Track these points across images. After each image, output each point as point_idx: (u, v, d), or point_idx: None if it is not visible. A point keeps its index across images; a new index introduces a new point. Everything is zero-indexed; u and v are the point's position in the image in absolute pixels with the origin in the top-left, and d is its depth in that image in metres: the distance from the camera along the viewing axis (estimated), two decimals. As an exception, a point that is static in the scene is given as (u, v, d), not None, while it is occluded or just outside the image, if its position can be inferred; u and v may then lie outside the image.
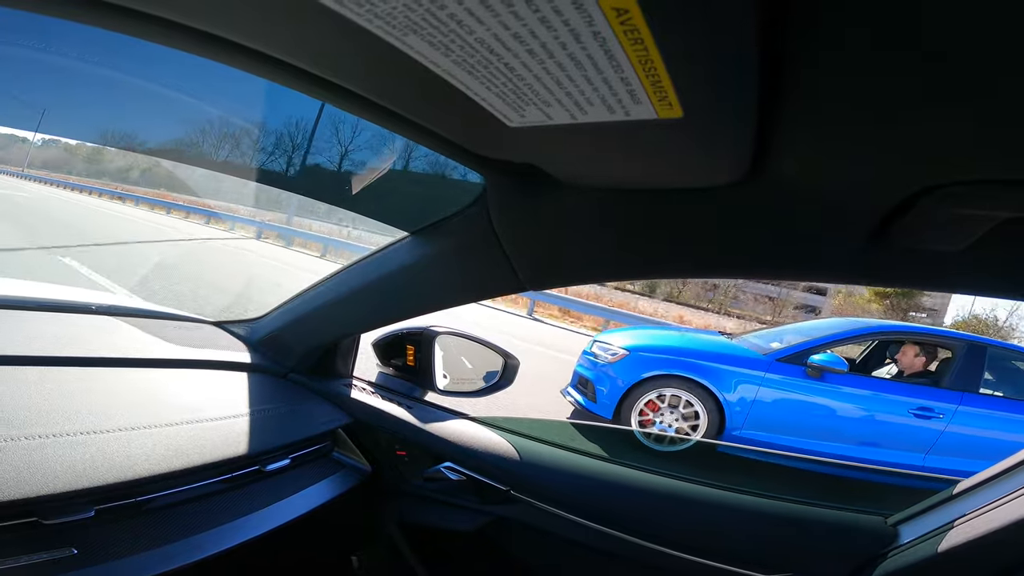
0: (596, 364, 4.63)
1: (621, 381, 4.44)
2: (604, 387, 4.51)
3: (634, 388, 4.41)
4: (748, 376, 4.34)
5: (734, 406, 4.32)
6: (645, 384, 4.40)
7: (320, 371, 1.37)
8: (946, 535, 0.96)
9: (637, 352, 4.50)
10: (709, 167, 0.60)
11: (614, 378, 4.48)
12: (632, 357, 4.47)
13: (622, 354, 4.51)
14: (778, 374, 4.33)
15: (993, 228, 0.56)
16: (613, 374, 4.49)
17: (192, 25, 0.50)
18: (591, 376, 4.62)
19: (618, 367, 4.49)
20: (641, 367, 4.43)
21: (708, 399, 4.35)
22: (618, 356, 4.52)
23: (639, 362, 4.45)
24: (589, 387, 4.61)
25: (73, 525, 0.75)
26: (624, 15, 0.35)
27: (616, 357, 4.53)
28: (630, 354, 4.49)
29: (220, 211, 14.07)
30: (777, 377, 4.32)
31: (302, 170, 1.24)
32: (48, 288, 1.41)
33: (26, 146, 16.20)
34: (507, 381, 1.42)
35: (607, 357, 4.57)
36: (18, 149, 16.33)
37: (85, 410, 0.90)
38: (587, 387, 4.63)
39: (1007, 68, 0.36)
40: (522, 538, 1.27)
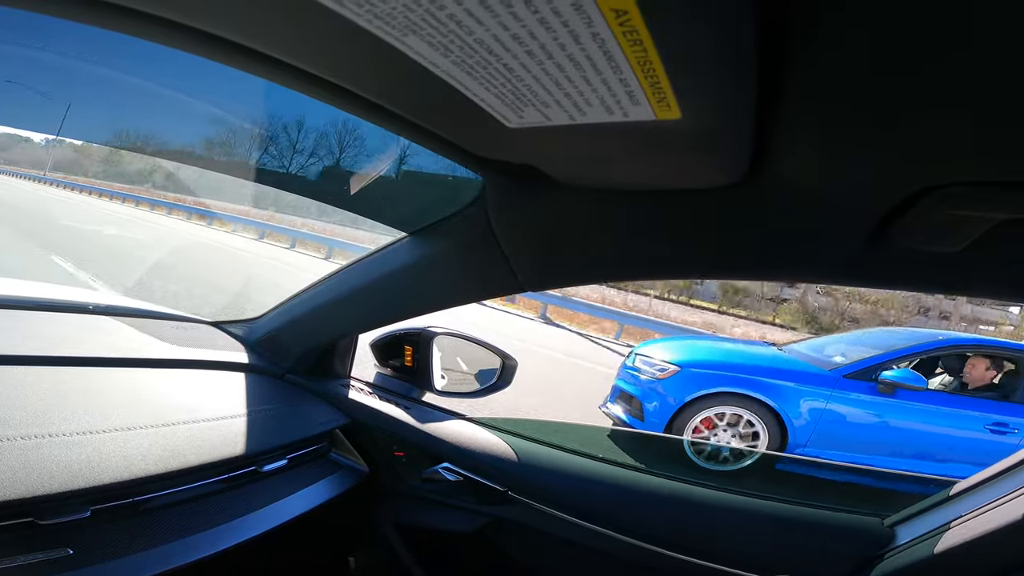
0: (642, 379, 4.36)
1: (673, 399, 4.18)
2: (652, 404, 4.22)
3: (687, 406, 4.16)
4: (814, 393, 4.10)
5: (798, 424, 4.08)
6: (700, 402, 4.15)
7: (318, 371, 1.37)
8: (943, 536, 0.96)
9: (690, 368, 4.23)
10: (708, 168, 0.60)
11: (664, 395, 4.22)
12: (684, 373, 4.21)
13: (673, 370, 4.25)
14: (847, 391, 4.11)
15: (991, 229, 0.56)
16: (663, 391, 4.23)
17: (192, 25, 0.50)
18: (636, 392, 4.34)
19: (669, 384, 4.22)
20: (695, 384, 4.17)
21: (769, 417, 4.10)
22: (668, 372, 4.26)
23: (693, 379, 4.19)
24: (634, 404, 4.33)
25: (69, 525, 0.75)
26: (623, 16, 0.35)
27: (666, 373, 4.26)
28: (682, 370, 4.23)
29: (218, 211, 14.05)
30: (846, 394, 4.11)
31: (302, 170, 1.24)
32: (45, 288, 1.40)
33: (29, 146, 16.17)
34: (505, 382, 1.42)
35: (655, 372, 4.31)
36: (20, 150, 16.31)
37: (81, 410, 0.89)
38: (632, 403, 4.36)
39: (1006, 69, 0.36)
40: (520, 539, 1.27)
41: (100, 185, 17.45)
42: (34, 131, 13.15)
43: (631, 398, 4.38)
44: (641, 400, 4.29)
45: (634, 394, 4.36)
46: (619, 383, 4.58)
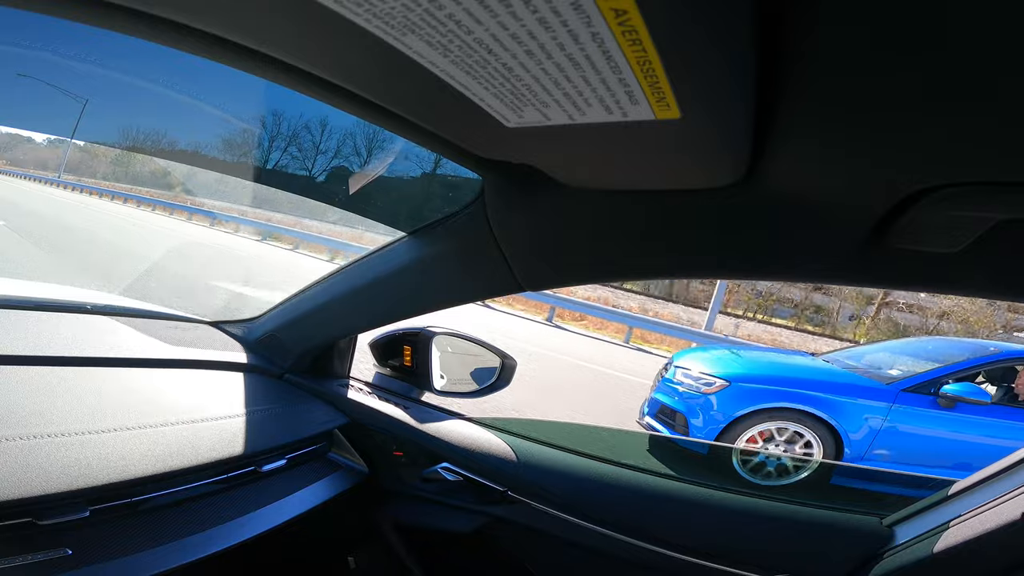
0: (686, 394, 4.19)
1: (721, 414, 4.02)
2: (699, 419, 4.08)
3: (737, 422, 4.01)
4: (873, 407, 3.99)
5: (855, 438, 3.96)
6: (750, 417, 4.00)
7: (317, 371, 1.37)
8: (941, 536, 0.96)
9: (740, 383, 4.09)
10: (707, 168, 0.60)
11: (712, 410, 4.06)
12: (734, 388, 4.06)
13: (721, 384, 4.10)
14: (907, 405, 3.99)
15: (989, 229, 0.56)
16: (711, 406, 4.07)
17: (194, 26, 0.50)
18: (680, 407, 4.18)
19: (718, 398, 4.07)
20: (746, 399, 4.02)
21: (824, 431, 3.98)
22: (716, 387, 4.10)
23: (743, 393, 4.04)
24: (678, 419, 4.16)
25: (68, 525, 0.75)
26: (623, 16, 0.35)
27: (713, 388, 4.10)
28: (731, 384, 4.08)
29: (219, 212, 14.04)
30: (906, 408, 3.99)
31: (301, 170, 1.24)
32: (43, 288, 1.40)
33: (32, 146, 16.11)
34: (504, 382, 1.42)
35: (699, 386, 4.15)
36: (22, 150, 16.27)
37: (80, 410, 0.89)
38: (675, 418, 4.19)
39: (1004, 70, 0.36)
40: (519, 539, 1.27)
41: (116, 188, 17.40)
42: (43, 131, 13.09)
43: (674, 412, 4.23)
44: (686, 415, 4.14)
45: (677, 408, 4.21)
46: (658, 396, 4.42)
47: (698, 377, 4.23)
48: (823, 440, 3.96)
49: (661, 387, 4.44)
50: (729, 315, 18.78)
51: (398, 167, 1.04)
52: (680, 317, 15.78)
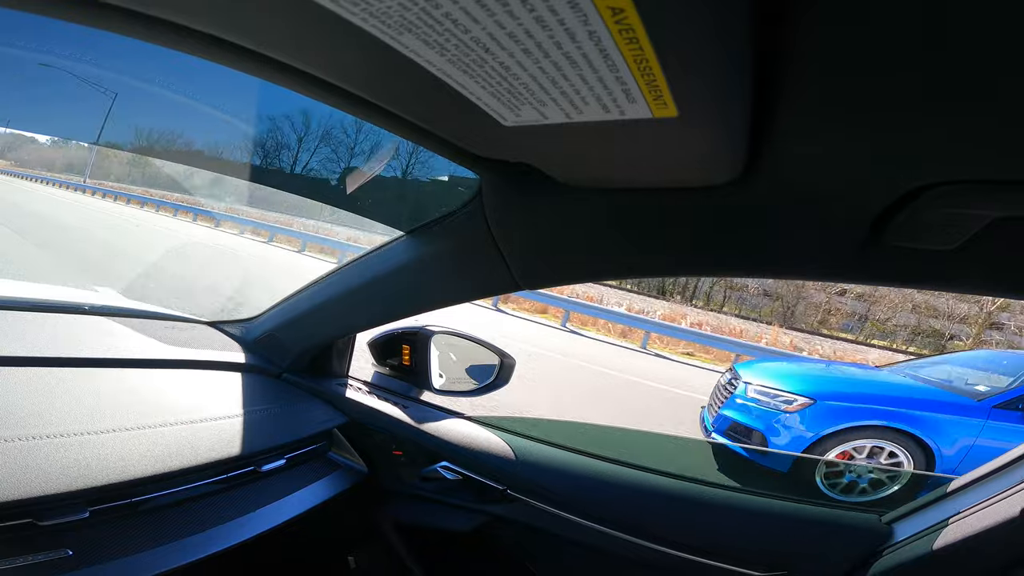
0: (763, 411, 4.09)
1: (808, 433, 3.92)
2: (780, 438, 3.98)
3: (823, 440, 3.92)
4: (966, 424, 3.90)
5: (947, 453, 3.87)
6: (838, 436, 3.92)
7: (315, 371, 1.37)
8: (941, 533, 0.97)
9: (825, 401, 4.00)
10: (704, 166, 0.60)
11: (796, 429, 3.97)
12: (819, 407, 3.97)
13: (804, 402, 4.00)
14: (999, 420, 3.90)
15: (986, 227, 0.57)
16: (795, 425, 3.97)
17: (189, 26, 0.50)
18: (757, 425, 4.07)
19: (803, 416, 3.97)
20: (833, 418, 3.94)
21: (915, 448, 3.89)
22: (798, 405, 4.00)
23: (830, 412, 3.96)
24: (755, 437, 4.05)
25: (68, 526, 0.75)
26: (620, 15, 0.35)
27: (795, 406, 4.01)
28: (816, 403, 3.98)
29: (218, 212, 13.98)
30: (999, 424, 3.89)
31: (299, 170, 1.24)
32: (41, 288, 1.40)
33: (37, 147, 16.03)
34: (503, 380, 1.42)
35: (778, 404, 4.05)
36: (27, 151, 16.18)
37: (79, 411, 0.89)
38: (751, 437, 4.08)
39: (1001, 69, 0.36)
40: (518, 537, 1.27)
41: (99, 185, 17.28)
42: (62, 133, 12.96)
43: (749, 431, 4.11)
44: (764, 433, 4.04)
45: (754, 426, 4.10)
46: (728, 413, 4.27)
47: (775, 394, 4.12)
48: (914, 457, 3.90)
49: (731, 404, 4.30)
50: (763, 323, 18.52)
51: (396, 166, 1.04)
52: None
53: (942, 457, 3.84)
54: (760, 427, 4.05)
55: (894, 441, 3.87)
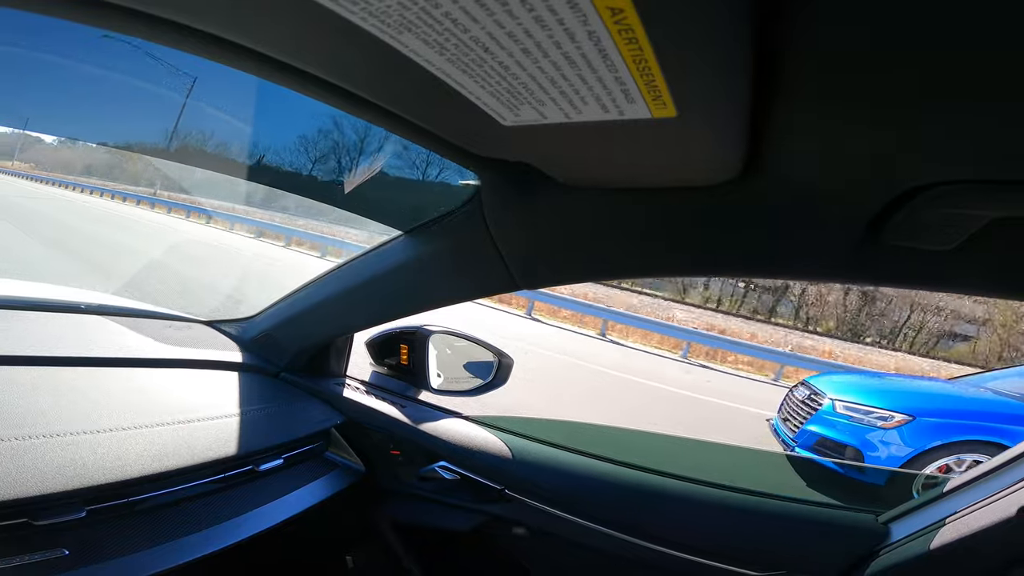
0: (855, 427, 4.16)
1: (906, 449, 4.00)
2: (878, 453, 4.05)
3: (922, 455, 3.99)
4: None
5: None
6: (937, 451, 3.98)
7: (313, 370, 1.36)
8: (937, 533, 0.97)
9: (924, 417, 4.07)
10: (703, 165, 0.60)
11: (893, 445, 4.05)
12: (919, 423, 4.05)
13: (902, 419, 4.08)
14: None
15: (983, 227, 0.57)
16: (894, 440, 4.05)
17: (190, 25, 0.50)
18: (851, 441, 4.14)
19: (902, 433, 4.06)
20: (932, 434, 4.02)
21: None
22: (896, 421, 4.08)
23: (929, 428, 4.04)
24: (849, 452, 4.13)
25: (64, 526, 0.75)
26: (619, 14, 0.35)
27: (892, 423, 4.09)
28: (915, 420, 4.06)
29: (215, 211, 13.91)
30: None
31: (297, 169, 1.23)
32: (37, 287, 1.40)
33: (43, 146, 15.89)
34: (501, 380, 1.42)
35: (873, 421, 4.14)
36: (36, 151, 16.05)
37: (76, 410, 0.89)
38: (844, 452, 4.15)
39: (999, 69, 0.37)
40: (516, 537, 1.27)
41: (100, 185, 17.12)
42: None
43: (842, 447, 4.17)
44: (860, 448, 4.10)
45: (847, 442, 4.15)
46: (816, 428, 4.32)
47: (868, 411, 4.19)
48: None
49: (818, 419, 4.35)
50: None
51: (394, 165, 1.04)
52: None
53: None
54: (855, 443, 4.10)
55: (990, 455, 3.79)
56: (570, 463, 1.21)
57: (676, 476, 1.18)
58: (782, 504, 1.12)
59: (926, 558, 0.96)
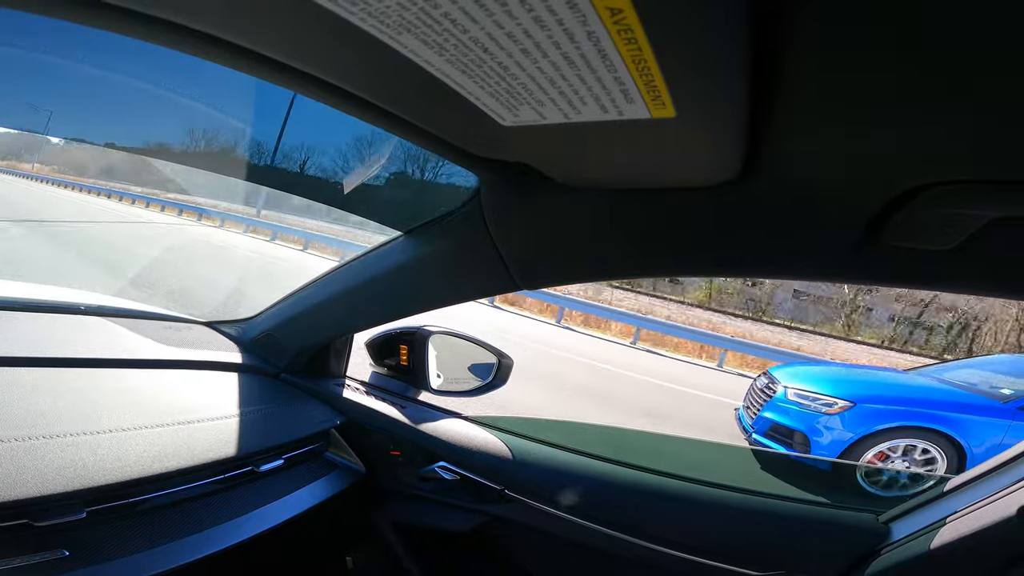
0: (804, 413, 4.42)
1: (849, 433, 4.26)
2: (823, 438, 4.32)
3: (863, 440, 4.26)
4: (994, 424, 4.25)
5: (977, 452, 4.21)
6: (877, 436, 4.26)
7: (313, 371, 1.36)
8: (938, 532, 0.97)
9: (865, 403, 4.35)
10: (703, 166, 0.60)
11: (836, 430, 4.30)
12: (859, 409, 4.31)
13: (844, 405, 4.34)
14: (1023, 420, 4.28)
15: (983, 227, 0.57)
16: (837, 426, 4.31)
17: (188, 25, 0.50)
18: (799, 426, 4.40)
19: (844, 419, 4.32)
20: (872, 419, 4.29)
21: (948, 446, 4.23)
22: (839, 407, 4.34)
23: (869, 414, 4.31)
24: (797, 437, 4.38)
25: (65, 527, 0.75)
26: (618, 15, 0.35)
27: (836, 408, 4.35)
28: (856, 405, 4.32)
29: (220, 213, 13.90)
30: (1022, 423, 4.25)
31: (297, 170, 1.23)
32: (36, 288, 1.39)
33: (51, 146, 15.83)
34: (501, 381, 1.42)
35: (819, 407, 4.39)
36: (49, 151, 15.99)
37: (75, 411, 0.89)
38: (794, 437, 4.40)
39: (998, 70, 0.37)
40: (517, 537, 1.27)
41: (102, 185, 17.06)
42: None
43: (791, 431, 4.41)
44: (807, 434, 4.33)
45: (796, 427, 4.39)
46: (770, 415, 4.56)
47: (815, 398, 4.41)
48: (946, 454, 4.19)
49: (771, 406, 4.57)
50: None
51: (394, 166, 1.04)
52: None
53: (972, 455, 4.14)
54: (802, 428, 4.33)
55: (929, 440, 4.19)
56: (570, 463, 1.21)
57: (676, 476, 1.18)
58: (782, 504, 1.12)
59: (926, 558, 0.96)
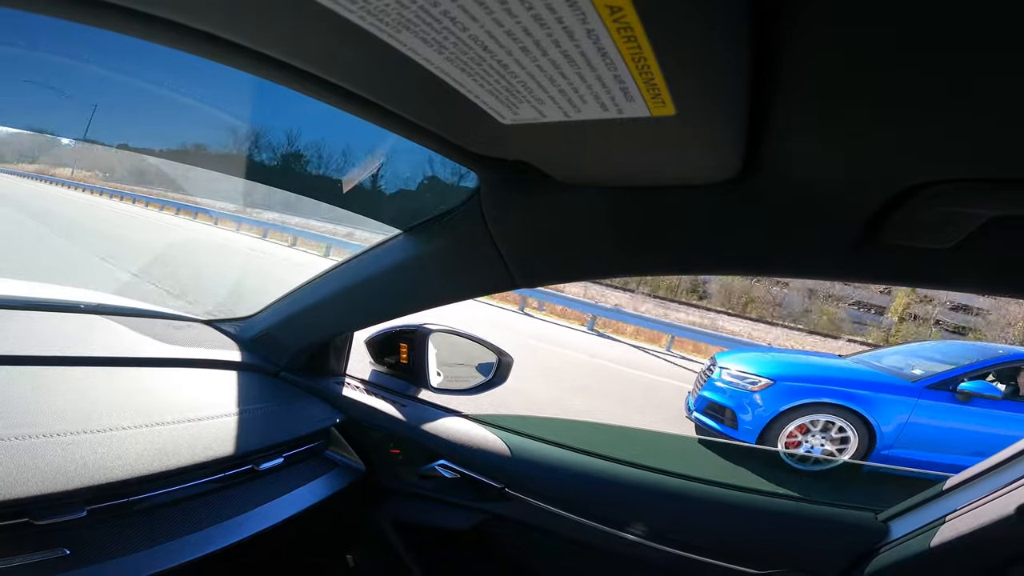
0: (734, 392, 4.77)
1: (768, 409, 4.59)
2: (747, 414, 4.65)
3: (781, 415, 4.57)
4: (901, 402, 4.55)
5: (886, 429, 4.52)
6: (793, 411, 4.57)
7: (313, 369, 1.37)
8: (937, 531, 0.97)
9: (783, 381, 4.67)
10: (702, 164, 0.60)
11: (759, 406, 4.63)
12: (778, 387, 4.63)
13: (766, 383, 4.66)
14: (930, 400, 4.56)
15: (981, 225, 0.57)
16: (758, 402, 4.63)
17: (187, 24, 0.50)
18: (728, 403, 4.75)
19: (763, 395, 4.64)
20: (789, 396, 4.60)
21: (859, 423, 4.53)
22: (761, 385, 4.66)
23: (786, 391, 4.63)
24: (727, 414, 4.74)
25: (65, 525, 0.75)
26: (618, 13, 0.35)
27: (759, 386, 4.67)
28: (775, 383, 4.64)
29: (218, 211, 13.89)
30: (929, 403, 4.55)
31: (297, 168, 1.23)
32: (36, 287, 1.39)
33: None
34: (500, 379, 1.42)
35: (746, 385, 4.72)
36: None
37: (75, 410, 0.89)
38: (724, 414, 4.77)
39: (998, 69, 0.37)
40: (517, 535, 1.28)
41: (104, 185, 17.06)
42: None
43: (723, 408, 4.77)
44: (735, 411, 4.69)
45: (726, 404, 4.75)
46: (706, 394, 4.94)
47: (743, 376, 4.78)
48: (857, 431, 4.53)
49: (708, 386, 4.96)
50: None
51: (394, 164, 1.04)
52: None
53: (881, 432, 4.52)
54: (731, 405, 4.74)
55: (842, 417, 4.55)
56: (570, 461, 1.22)
57: (675, 474, 1.18)
58: (781, 502, 1.12)
59: (925, 556, 0.96)
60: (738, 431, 4.67)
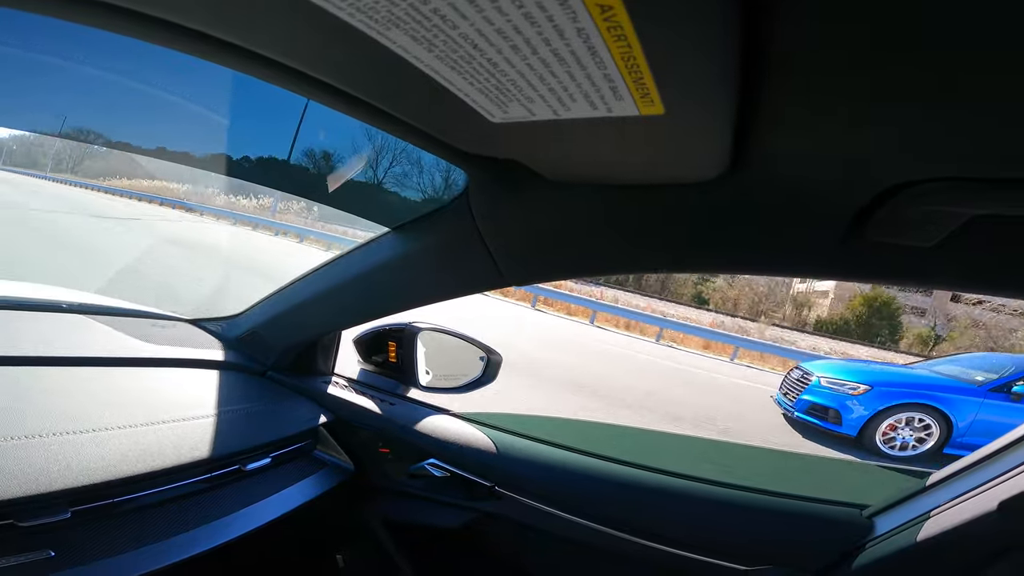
0: (834, 395, 6.10)
1: (868, 408, 5.93)
2: (850, 414, 5.98)
3: (879, 413, 5.92)
4: (971, 402, 5.91)
5: (961, 424, 5.87)
6: (888, 411, 5.92)
7: (300, 368, 1.36)
8: (922, 526, 0.98)
9: (879, 387, 6.05)
10: (691, 162, 0.61)
11: (860, 407, 5.95)
12: (876, 391, 6.00)
13: (865, 388, 6.02)
14: (992, 400, 5.91)
15: (964, 224, 0.58)
16: (859, 404, 5.96)
17: (178, 22, 0.49)
18: (833, 404, 6.07)
19: (863, 399, 5.97)
20: (886, 398, 5.96)
21: (940, 419, 5.88)
22: (861, 390, 6.02)
23: (883, 395, 5.99)
24: (831, 413, 6.06)
25: (49, 527, 0.74)
26: (608, 12, 0.35)
27: (859, 391, 6.02)
28: (873, 388, 6.01)
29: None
30: (992, 402, 5.90)
31: (285, 166, 1.22)
32: (17, 286, 1.37)
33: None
34: (489, 377, 1.42)
35: (847, 390, 6.06)
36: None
37: (59, 411, 0.88)
38: (828, 413, 6.09)
39: (981, 68, 0.37)
40: (507, 534, 1.28)
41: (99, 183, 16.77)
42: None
43: (827, 409, 6.11)
44: (839, 410, 6.03)
45: (830, 406, 6.09)
46: (808, 397, 6.31)
47: (842, 383, 6.16)
48: (938, 424, 5.90)
49: (809, 390, 6.34)
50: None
51: (382, 162, 1.04)
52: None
53: (957, 425, 5.88)
54: (835, 406, 6.07)
55: (926, 414, 5.92)
56: (559, 459, 1.22)
57: (662, 471, 1.18)
58: (767, 499, 1.13)
59: (910, 552, 0.97)
60: (842, 426, 5.96)
